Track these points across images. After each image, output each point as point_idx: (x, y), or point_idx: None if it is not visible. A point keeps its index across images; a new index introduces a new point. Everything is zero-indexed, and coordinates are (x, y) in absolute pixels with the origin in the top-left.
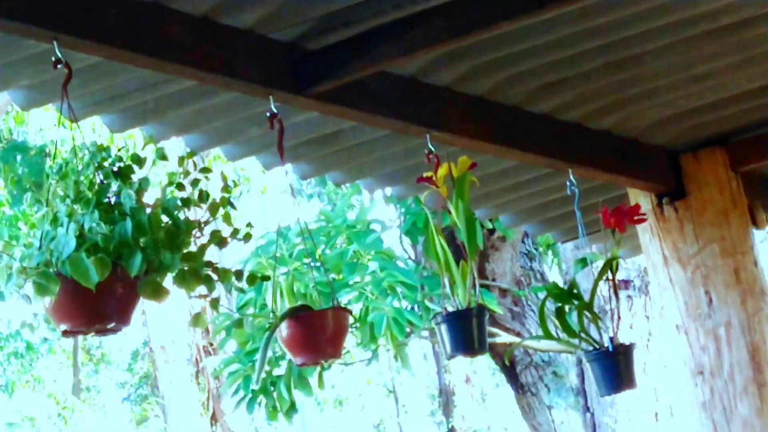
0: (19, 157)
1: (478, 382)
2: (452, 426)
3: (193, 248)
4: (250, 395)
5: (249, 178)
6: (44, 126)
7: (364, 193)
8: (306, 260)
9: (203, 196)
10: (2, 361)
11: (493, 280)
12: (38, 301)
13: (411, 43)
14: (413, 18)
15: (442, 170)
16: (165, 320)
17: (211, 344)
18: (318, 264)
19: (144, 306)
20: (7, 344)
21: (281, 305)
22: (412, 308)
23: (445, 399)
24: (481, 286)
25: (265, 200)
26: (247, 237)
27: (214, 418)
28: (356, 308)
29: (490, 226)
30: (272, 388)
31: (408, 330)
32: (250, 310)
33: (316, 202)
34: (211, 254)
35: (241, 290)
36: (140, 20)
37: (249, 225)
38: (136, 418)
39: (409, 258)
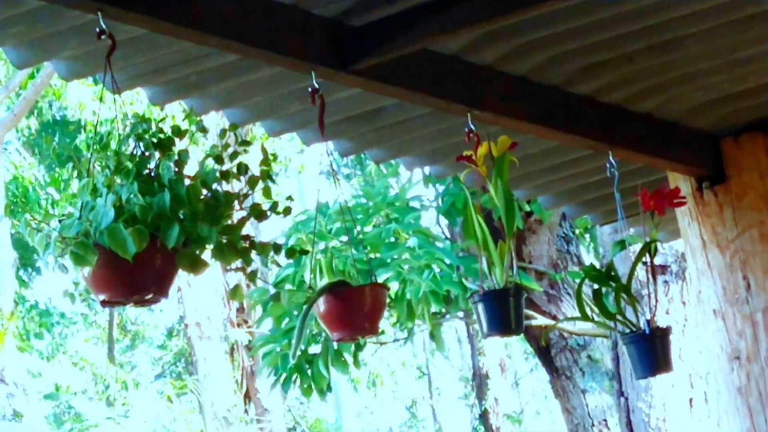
0: (56, 132)
1: (512, 365)
2: (485, 409)
3: (232, 221)
4: (285, 374)
5: (289, 158)
6: (83, 101)
7: (402, 173)
8: (344, 238)
9: (242, 169)
10: (41, 333)
11: (530, 262)
12: (77, 271)
13: (454, 21)
14: None
15: (482, 149)
16: (200, 297)
17: (246, 321)
18: (357, 242)
19: (180, 283)
20: (46, 319)
21: (320, 282)
22: (448, 290)
23: (479, 382)
24: (518, 268)
25: (303, 180)
26: (287, 211)
27: (247, 396)
28: (393, 287)
29: (527, 208)
30: (308, 367)
31: (444, 310)
32: (288, 287)
33: (354, 182)
34: (248, 230)
35: (278, 264)
36: None
37: (289, 198)
38: (170, 395)
39: (447, 238)
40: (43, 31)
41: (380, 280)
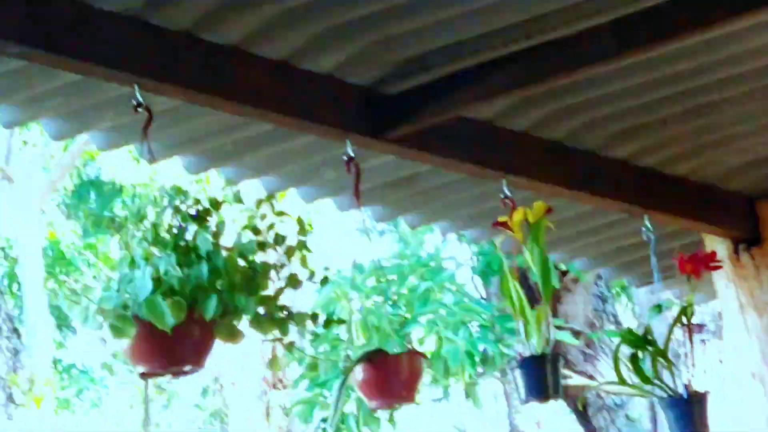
0: (91, 192)
1: (549, 424)
2: None
3: (269, 291)
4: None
5: (323, 216)
6: (118, 163)
7: (436, 231)
8: (379, 298)
9: (279, 240)
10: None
11: (566, 321)
12: (115, 342)
13: (489, 88)
14: (491, 63)
15: (518, 215)
16: (236, 356)
17: (281, 380)
18: (393, 301)
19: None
20: (80, 380)
21: (354, 339)
22: (485, 349)
23: None
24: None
25: (339, 237)
26: (324, 281)
27: None
28: (429, 343)
29: (563, 267)
30: (342, 425)
31: (481, 370)
32: (322, 347)
33: (388, 239)
34: (285, 299)
35: (316, 335)
36: (220, 64)
37: (326, 268)
38: None
39: (481, 297)
40: (79, 104)
41: (415, 338)
